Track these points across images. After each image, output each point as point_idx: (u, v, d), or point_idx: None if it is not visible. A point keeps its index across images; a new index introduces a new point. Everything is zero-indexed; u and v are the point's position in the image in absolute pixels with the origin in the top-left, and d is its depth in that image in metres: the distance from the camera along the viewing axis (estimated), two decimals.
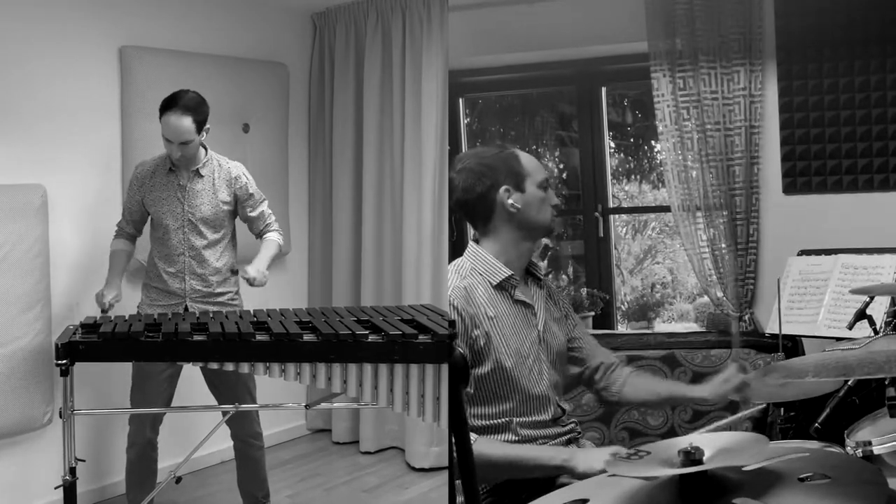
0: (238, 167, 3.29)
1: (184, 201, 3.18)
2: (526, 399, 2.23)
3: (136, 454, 3.24)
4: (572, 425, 2.35)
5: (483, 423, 2.19)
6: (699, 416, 3.49)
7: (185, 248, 3.19)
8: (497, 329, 2.19)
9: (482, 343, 2.16)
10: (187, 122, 3.04)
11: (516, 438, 2.21)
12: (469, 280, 2.21)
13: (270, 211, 3.39)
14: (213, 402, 3.29)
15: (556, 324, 2.38)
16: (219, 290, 3.25)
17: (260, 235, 3.37)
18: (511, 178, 2.23)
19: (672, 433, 3.48)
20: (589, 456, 2.06)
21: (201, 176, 3.20)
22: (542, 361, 2.28)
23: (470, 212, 2.28)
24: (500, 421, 2.20)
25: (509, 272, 2.24)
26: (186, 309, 3.20)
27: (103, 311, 3.13)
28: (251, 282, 3.15)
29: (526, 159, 2.28)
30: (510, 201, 2.22)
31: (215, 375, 3.18)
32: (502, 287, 2.24)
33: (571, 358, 2.45)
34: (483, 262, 2.25)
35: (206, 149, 3.24)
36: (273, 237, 3.35)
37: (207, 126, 3.15)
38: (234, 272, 3.20)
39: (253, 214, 3.31)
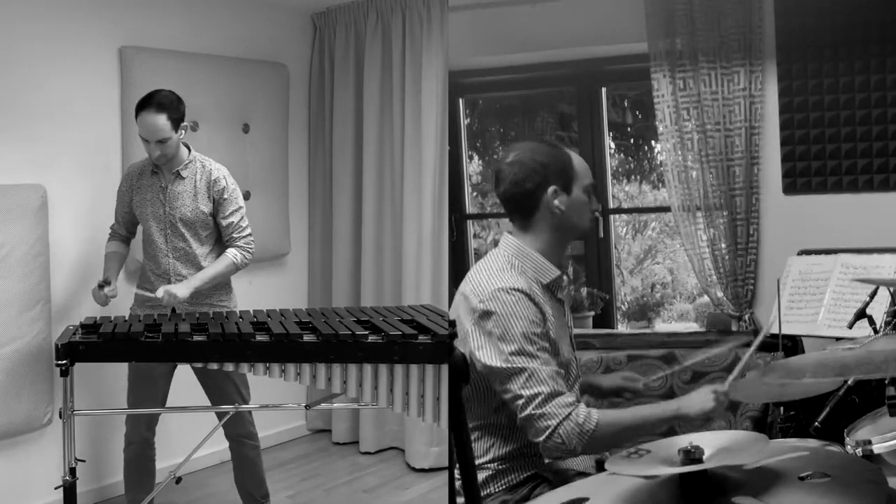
0: (220, 170, 3.21)
1: (165, 203, 3.17)
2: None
3: (132, 453, 3.24)
4: None
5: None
6: None
7: (170, 250, 3.18)
8: (553, 327, 2.19)
9: (548, 336, 2.16)
10: (161, 120, 3.03)
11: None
12: (525, 277, 2.19)
13: (246, 224, 3.25)
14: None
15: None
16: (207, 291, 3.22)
17: (226, 245, 3.25)
18: (561, 180, 2.22)
19: (672, 432, 3.47)
20: (692, 400, 2.14)
21: (182, 178, 3.17)
22: (573, 359, 2.30)
23: (513, 205, 2.25)
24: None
25: (558, 272, 2.23)
26: (174, 310, 3.08)
27: (102, 304, 3.13)
28: (161, 295, 3.03)
29: (577, 162, 2.27)
30: (556, 202, 2.21)
31: (203, 374, 3.17)
32: (549, 287, 2.23)
33: None
34: (531, 259, 2.22)
35: (189, 149, 3.22)
36: (229, 253, 3.19)
37: (185, 123, 3.13)
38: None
39: (223, 222, 3.20)
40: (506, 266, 2.20)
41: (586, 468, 2.28)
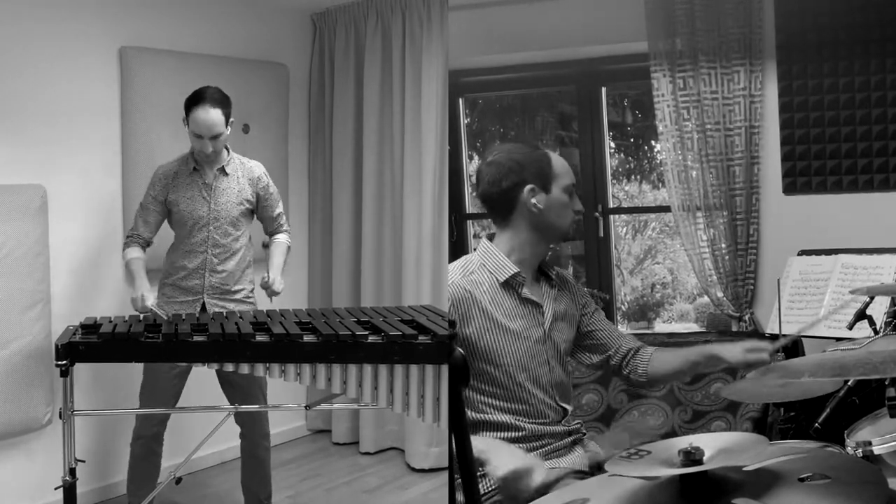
0: (259, 167, 3.33)
1: (210, 200, 3.19)
2: (528, 397, 2.23)
3: (140, 448, 3.24)
4: (577, 425, 2.36)
5: (485, 417, 2.20)
6: (699, 416, 3.49)
7: (209, 246, 3.21)
8: (499, 328, 2.19)
9: (475, 339, 2.17)
10: (217, 115, 3.08)
11: (523, 433, 2.21)
12: (475, 276, 2.21)
13: (283, 211, 3.45)
14: (215, 402, 3.29)
15: (566, 322, 2.37)
16: (236, 287, 3.27)
17: (271, 234, 3.41)
18: (538, 179, 2.23)
19: (672, 433, 3.48)
20: (502, 459, 2.03)
21: (227, 174, 3.22)
22: (545, 361, 2.28)
23: (492, 205, 2.27)
24: (502, 419, 2.20)
25: (515, 270, 2.23)
26: (204, 306, 3.21)
27: (144, 311, 3.04)
28: (271, 285, 3.19)
29: (556, 162, 2.27)
30: (533, 201, 2.22)
31: (231, 375, 3.18)
32: (509, 285, 2.23)
33: (591, 346, 2.47)
34: (493, 258, 2.24)
35: (227, 148, 3.27)
36: (283, 239, 3.41)
37: (232, 119, 3.18)
38: (266, 246, 3.30)
39: (273, 214, 3.37)
40: (458, 265, 2.26)
41: (582, 466, 2.28)
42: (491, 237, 2.31)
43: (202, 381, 3.33)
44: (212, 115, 3.07)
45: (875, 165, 3.74)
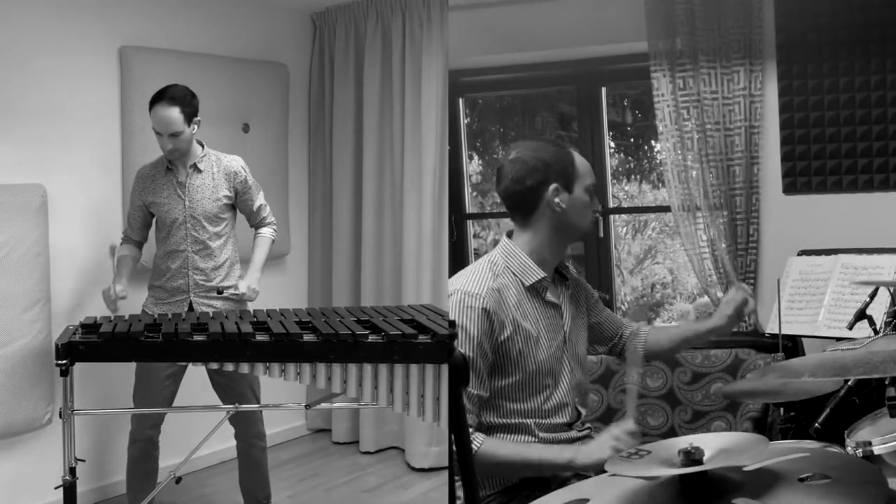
0: (236, 161, 3.31)
1: (184, 198, 3.20)
2: (547, 401, 2.22)
3: (137, 451, 3.24)
4: (588, 431, 2.35)
5: (503, 421, 2.19)
6: (699, 416, 3.49)
7: (189, 244, 3.21)
8: (525, 333, 2.17)
9: (509, 346, 2.14)
10: (175, 113, 3.07)
11: (535, 440, 2.21)
12: (502, 279, 2.18)
13: (266, 202, 3.43)
14: (215, 401, 3.29)
15: (580, 321, 2.38)
16: (222, 284, 3.27)
17: (256, 228, 3.41)
18: (562, 178, 2.20)
19: (672, 433, 3.48)
20: (590, 449, 2.06)
21: (200, 171, 3.22)
22: (566, 364, 2.27)
23: (514, 203, 2.24)
24: (518, 421, 2.20)
25: (543, 274, 2.21)
26: (191, 305, 3.22)
27: (113, 305, 3.14)
28: (241, 297, 3.21)
29: (580, 161, 2.26)
30: (557, 200, 2.19)
31: (222, 375, 3.19)
32: (534, 288, 2.21)
33: (597, 337, 2.53)
34: (517, 260, 2.21)
35: (202, 145, 3.26)
36: (266, 233, 3.40)
37: (198, 118, 3.17)
38: (220, 292, 3.24)
39: (254, 208, 3.36)
40: (484, 267, 2.22)
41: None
42: (510, 234, 2.28)
43: (200, 382, 3.33)
44: (168, 112, 3.07)
45: (875, 165, 3.74)
